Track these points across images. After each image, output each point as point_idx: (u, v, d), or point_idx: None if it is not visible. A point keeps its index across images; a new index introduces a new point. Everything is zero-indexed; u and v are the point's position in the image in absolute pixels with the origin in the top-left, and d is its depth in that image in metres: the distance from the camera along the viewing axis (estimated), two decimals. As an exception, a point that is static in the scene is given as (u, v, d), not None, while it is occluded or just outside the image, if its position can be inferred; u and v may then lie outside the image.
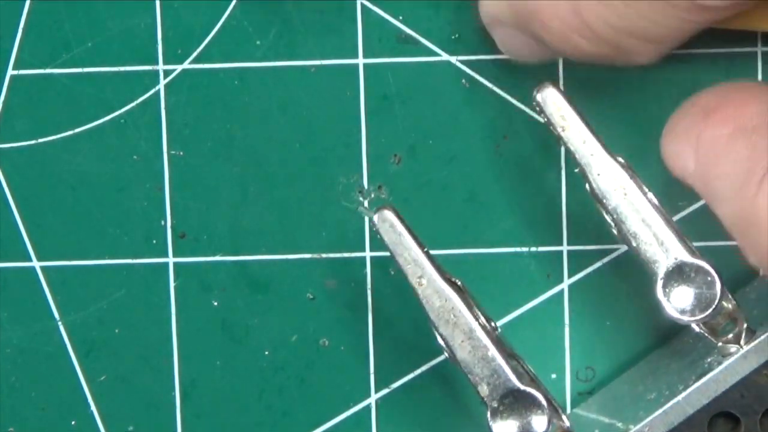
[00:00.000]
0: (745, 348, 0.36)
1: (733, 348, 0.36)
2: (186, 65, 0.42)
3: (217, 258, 0.42)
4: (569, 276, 0.42)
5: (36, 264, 0.42)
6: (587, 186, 0.36)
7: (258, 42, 0.42)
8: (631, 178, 0.36)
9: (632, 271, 0.41)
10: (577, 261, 0.42)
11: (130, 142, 0.42)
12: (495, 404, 0.35)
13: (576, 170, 0.37)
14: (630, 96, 0.42)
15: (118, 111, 0.42)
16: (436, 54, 0.42)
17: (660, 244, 0.36)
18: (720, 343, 0.37)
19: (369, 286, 0.42)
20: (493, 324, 0.37)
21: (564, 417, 0.36)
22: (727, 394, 0.36)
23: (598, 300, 0.42)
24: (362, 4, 0.42)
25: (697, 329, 0.37)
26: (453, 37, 0.42)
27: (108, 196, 0.42)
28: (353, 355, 0.42)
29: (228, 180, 0.42)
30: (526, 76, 0.41)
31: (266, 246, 0.42)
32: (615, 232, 0.36)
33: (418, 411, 0.42)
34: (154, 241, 0.42)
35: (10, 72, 0.42)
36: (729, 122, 0.32)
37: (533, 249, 0.42)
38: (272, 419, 0.43)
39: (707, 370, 0.36)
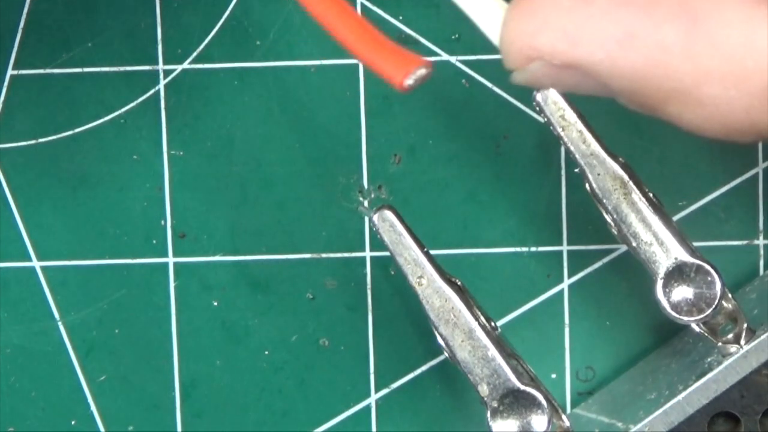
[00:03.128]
0: (745, 348, 0.36)
1: (733, 348, 0.36)
2: (186, 65, 0.42)
3: (217, 258, 0.42)
4: (569, 276, 0.42)
5: (36, 264, 0.42)
6: (587, 186, 0.36)
7: (258, 42, 0.42)
8: (631, 178, 0.36)
9: (632, 271, 0.41)
10: (577, 261, 0.42)
11: (130, 142, 0.42)
12: (495, 404, 0.35)
13: (576, 170, 0.37)
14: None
15: (118, 111, 0.42)
16: (436, 54, 0.42)
17: (660, 244, 0.36)
18: (720, 343, 0.37)
19: (369, 286, 0.42)
20: (493, 324, 0.37)
21: (564, 417, 0.36)
22: (727, 394, 0.36)
23: (598, 300, 0.42)
24: (362, 4, 0.42)
25: (697, 329, 0.37)
26: (453, 37, 0.42)
27: (108, 196, 0.42)
28: (353, 355, 0.42)
29: (228, 180, 0.42)
30: (526, 76, 0.41)
31: (266, 246, 0.42)
32: (615, 232, 0.36)
33: (418, 411, 0.42)
34: (154, 241, 0.42)
35: (10, 72, 0.42)
36: None
37: (533, 249, 0.42)
38: (272, 419, 0.43)
39: (707, 370, 0.36)
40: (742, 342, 0.36)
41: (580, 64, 0.26)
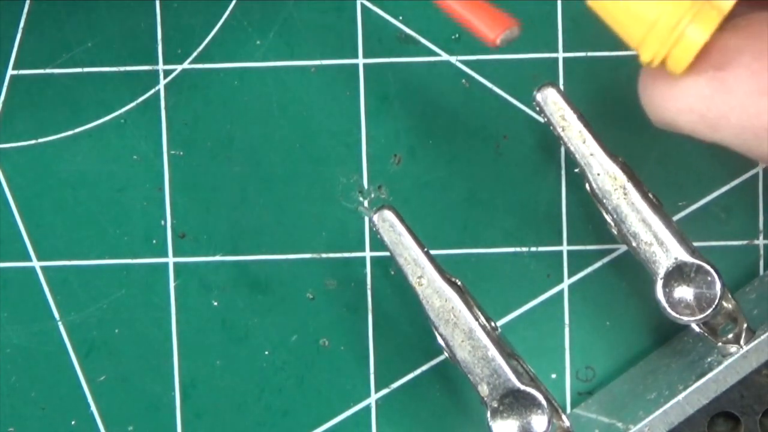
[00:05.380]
0: (745, 348, 0.36)
1: (733, 348, 0.36)
2: (186, 65, 0.42)
3: (217, 258, 0.42)
4: (569, 276, 0.42)
5: (36, 264, 0.42)
6: (587, 186, 0.36)
7: (258, 42, 0.42)
8: (631, 178, 0.36)
9: (632, 271, 0.41)
10: (577, 261, 0.42)
11: (130, 142, 0.42)
12: (495, 404, 0.35)
13: (576, 170, 0.37)
14: (630, 96, 0.42)
15: (118, 111, 0.42)
16: (436, 54, 0.42)
17: (660, 244, 0.36)
18: (720, 343, 0.37)
19: (369, 286, 0.42)
20: (493, 324, 0.37)
21: (564, 417, 0.36)
22: (727, 394, 0.36)
23: (598, 300, 0.42)
24: (362, 4, 0.42)
25: (697, 329, 0.37)
26: (453, 37, 0.42)
27: (108, 196, 0.42)
28: (353, 355, 0.42)
29: (228, 180, 0.42)
30: (526, 76, 0.41)
31: (266, 246, 0.42)
32: (615, 232, 0.36)
33: (418, 411, 0.42)
34: (154, 241, 0.42)
35: (10, 72, 0.42)
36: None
37: (533, 249, 0.42)
38: (272, 419, 0.43)
39: (707, 370, 0.36)
40: (742, 342, 0.36)
41: (718, 143, 0.27)
